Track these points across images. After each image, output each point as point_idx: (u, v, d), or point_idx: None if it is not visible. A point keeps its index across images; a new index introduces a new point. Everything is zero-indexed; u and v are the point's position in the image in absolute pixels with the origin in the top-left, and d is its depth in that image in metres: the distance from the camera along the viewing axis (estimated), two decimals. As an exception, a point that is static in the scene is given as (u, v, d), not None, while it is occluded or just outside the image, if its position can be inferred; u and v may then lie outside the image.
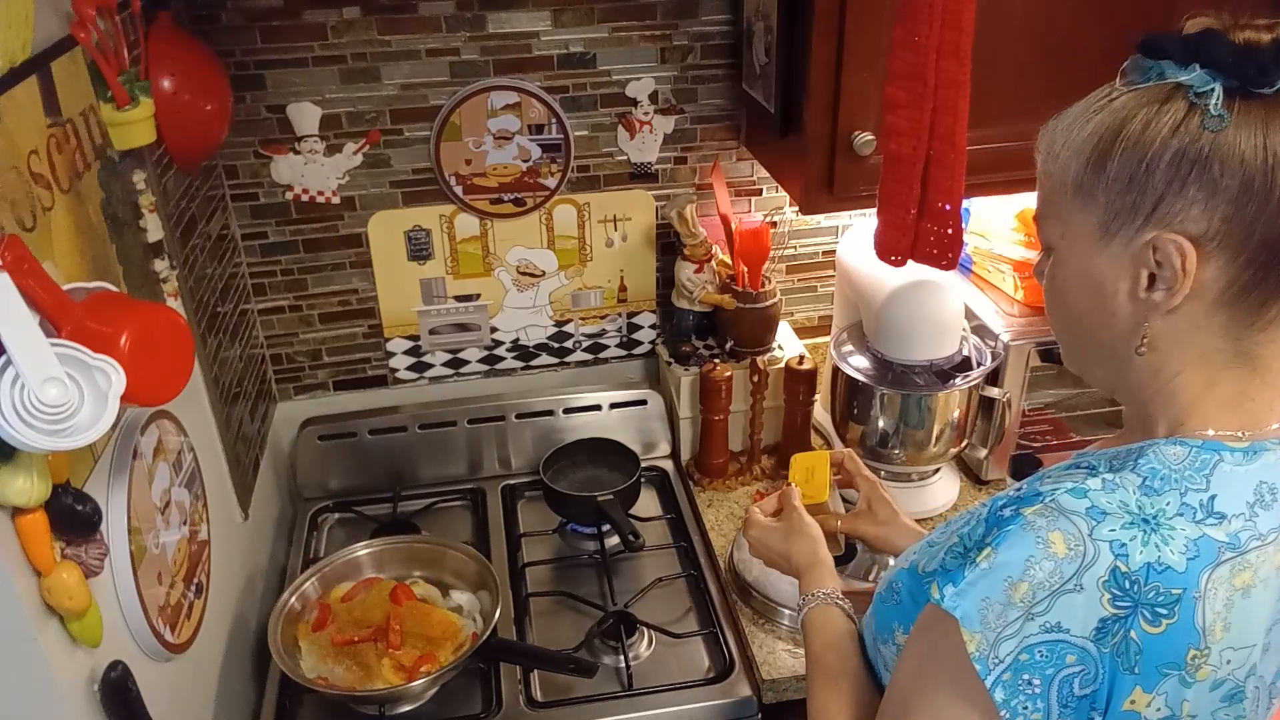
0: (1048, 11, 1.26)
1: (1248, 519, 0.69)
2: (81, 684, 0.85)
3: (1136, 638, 0.67)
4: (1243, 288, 0.70)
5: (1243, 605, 0.68)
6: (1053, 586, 0.67)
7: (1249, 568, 0.68)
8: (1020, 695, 0.68)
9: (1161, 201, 0.70)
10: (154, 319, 0.87)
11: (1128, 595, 0.66)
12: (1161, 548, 0.67)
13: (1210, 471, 0.70)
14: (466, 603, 1.41)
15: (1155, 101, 0.70)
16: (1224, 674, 0.69)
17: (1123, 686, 0.68)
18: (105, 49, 0.98)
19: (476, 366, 1.76)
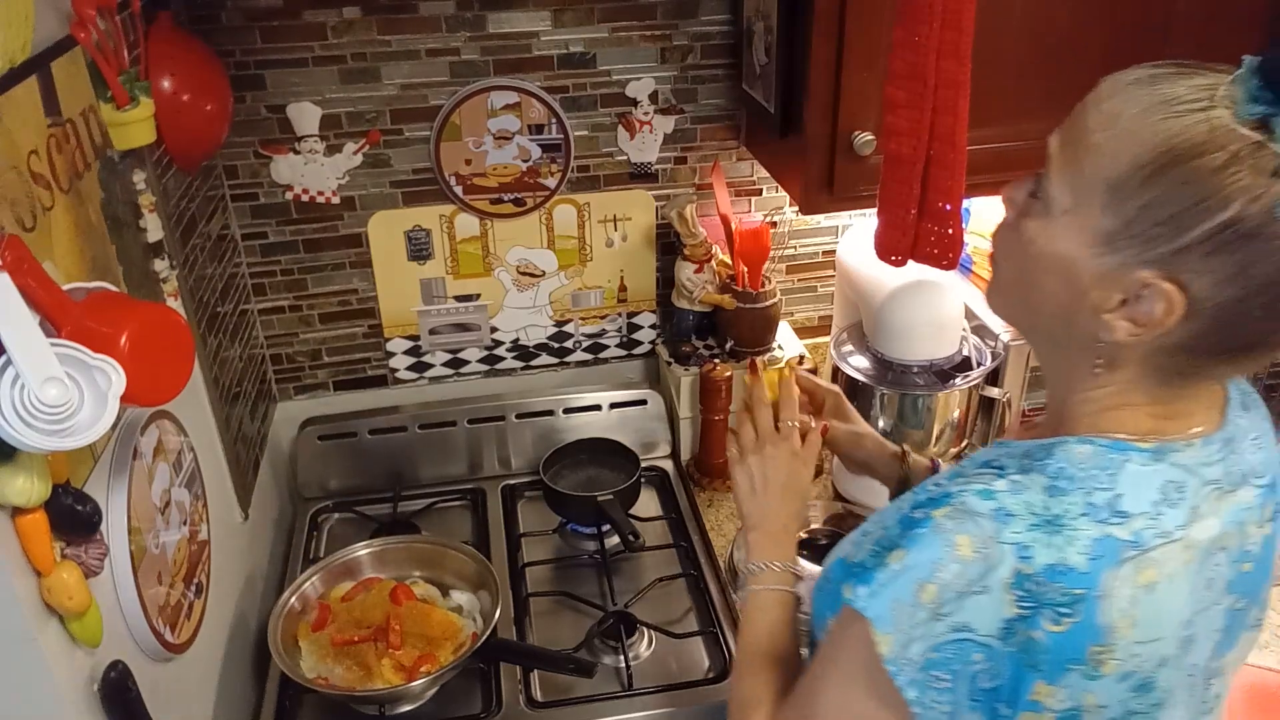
0: (1048, 11, 1.26)
1: (1152, 517, 0.69)
2: (81, 684, 0.85)
3: (1040, 636, 0.68)
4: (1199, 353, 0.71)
5: (1149, 601, 0.69)
6: (959, 589, 0.69)
7: (1154, 565, 0.69)
8: (930, 691, 0.70)
9: (1185, 252, 0.66)
10: (154, 319, 0.87)
11: (1031, 596, 0.67)
12: (1064, 549, 0.68)
13: (1117, 471, 0.71)
14: (466, 603, 1.41)
15: (1245, 146, 0.64)
16: (1132, 667, 0.70)
17: (1027, 680, 0.69)
18: (105, 49, 0.98)
19: (476, 366, 1.76)
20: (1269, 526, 0.78)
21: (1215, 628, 0.76)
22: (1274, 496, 0.78)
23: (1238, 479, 0.75)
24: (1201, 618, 0.73)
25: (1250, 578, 0.77)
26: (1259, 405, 0.83)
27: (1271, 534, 0.78)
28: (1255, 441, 0.78)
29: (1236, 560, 0.75)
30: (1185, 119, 0.66)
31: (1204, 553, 0.72)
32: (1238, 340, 0.70)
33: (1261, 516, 0.77)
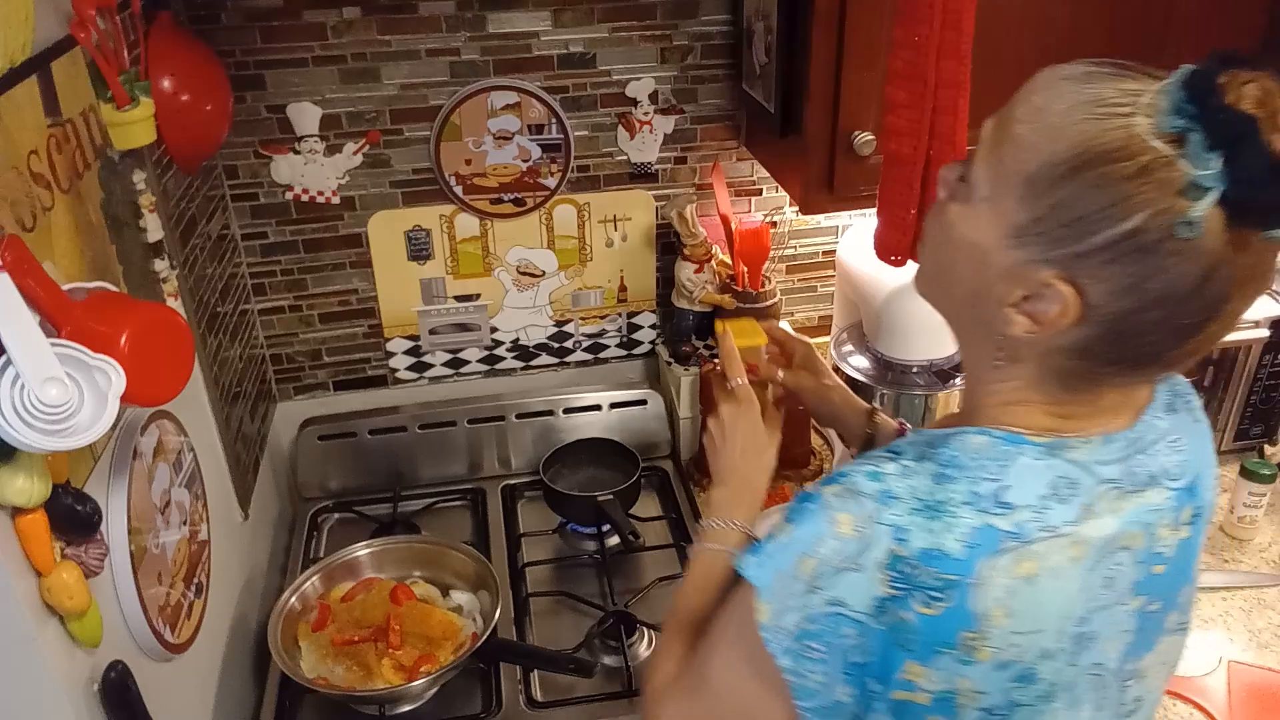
0: (1048, 11, 1.26)
1: (1037, 511, 0.69)
2: (81, 684, 0.85)
3: (911, 617, 0.69)
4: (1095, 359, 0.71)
5: (1029, 593, 0.69)
6: (836, 564, 0.70)
7: (1035, 558, 0.69)
8: (804, 661, 0.72)
9: (1086, 257, 0.66)
10: (154, 319, 0.87)
11: (904, 578, 0.68)
12: (941, 535, 0.68)
13: (1007, 463, 0.71)
14: (466, 603, 1.41)
15: (1157, 159, 0.63)
16: (1010, 656, 0.70)
17: (898, 659, 0.70)
18: (105, 49, 0.98)
19: (476, 366, 1.76)
20: (1186, 530, 0.77)
21: (1124, 628, 0.76)
22: (1192, 500, 0.76)
23: (1144, 480, 0.74)
24: (1101, 616, 0.73)
25: (1163, 580, 0.77)
26: (1191, 409, 0.82)
27: (1190, 538, 0.77)
28: (1173, 444, 0.76)
29: (1144, 561, 0.74)
30: (1105, 122, 0.65)
31: (1099, 551, 0.71)
32: (1130, 352, 0.70)
33: (1176, 519, 0.76)
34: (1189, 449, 0.77)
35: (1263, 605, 1.37)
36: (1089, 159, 0.65)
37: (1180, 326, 0.68)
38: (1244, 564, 1.45)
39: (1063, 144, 0.66)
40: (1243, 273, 0.66)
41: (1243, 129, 0.61)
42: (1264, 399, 1.59)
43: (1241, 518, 1.48)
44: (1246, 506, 1.47)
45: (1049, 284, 0.68)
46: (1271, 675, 1.25)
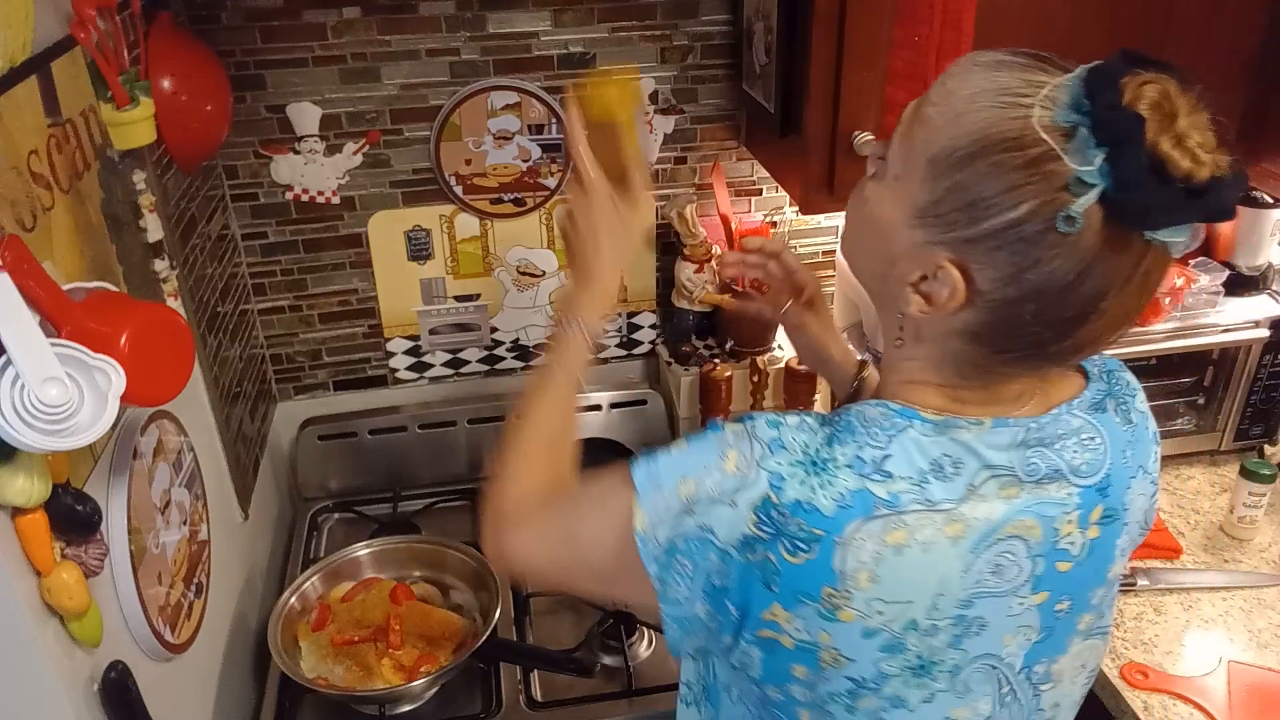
0: (1047, 12, 1.26)
1: (916, 483, 0.70)
2: (81, 684, 0.85)
3: (775, 560, 0.71)
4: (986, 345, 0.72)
5: (897, 562, 0.70)
6: (712, 495, 0.72)
7: (905, 528, 0.70)
8: (670, 572, 0.74)
9: (974, 242, 0.68)
10: (154, 319, 0.87)
11: (773, 523, 0.70)
12: (816, 491, 0.70)
13: (896, 434, 0.72)
14: (466, 603, 1.41)
15: (1047, 152, 0.64)
16: (876, 624, 0.71)
17: (762, 599, 0.72)
18: (105, 49, 0.98)
19: (476, 366, 1.76)
20: (1098, 530, 0.76)
21: (1023, 624, 0.76)
22: (1104, 500, 0.76)
23: (1045, 472, 0.73)
24: (990, 604, 0.73)
25: (1071, 579, 0.76)
26: (1126, 411, 0.80)
27: (1103, 539, 0.77)
28: (1086, 442, 0.76)
29: (1044, 555, 0.74)
30: (1005, 111, 0.66)
31: (984, 534, 0.72)
32: (1015, 341, 0.71)
33: (1084, 518, 0.75)
34: (1105, 449, 0.76)
35: (1263, 605, 1.37)
36: (985, 146, 0.66)
37: (1059, 320, 0.68)
38: (1244, 564, 1.45)
39: (964, 129, 0.67)
40: (1121, 273, 0.66)
41: (1128, 128, 0.62)
42: (1264, 399, 1.59)
43: (1241, 518, 1.48)
44: (1246, 506, 1.47)
45: (941, 266, 0.70)
46: (1271, 675, 1.25)
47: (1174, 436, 1.63)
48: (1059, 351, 0.72)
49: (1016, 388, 0.76)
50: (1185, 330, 1.52)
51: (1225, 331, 1.53)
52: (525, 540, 0.87)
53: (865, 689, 0.74)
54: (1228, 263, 1.59)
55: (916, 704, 0.75)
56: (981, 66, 0.69)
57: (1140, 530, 0.83)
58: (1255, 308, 1.55)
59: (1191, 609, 1.37)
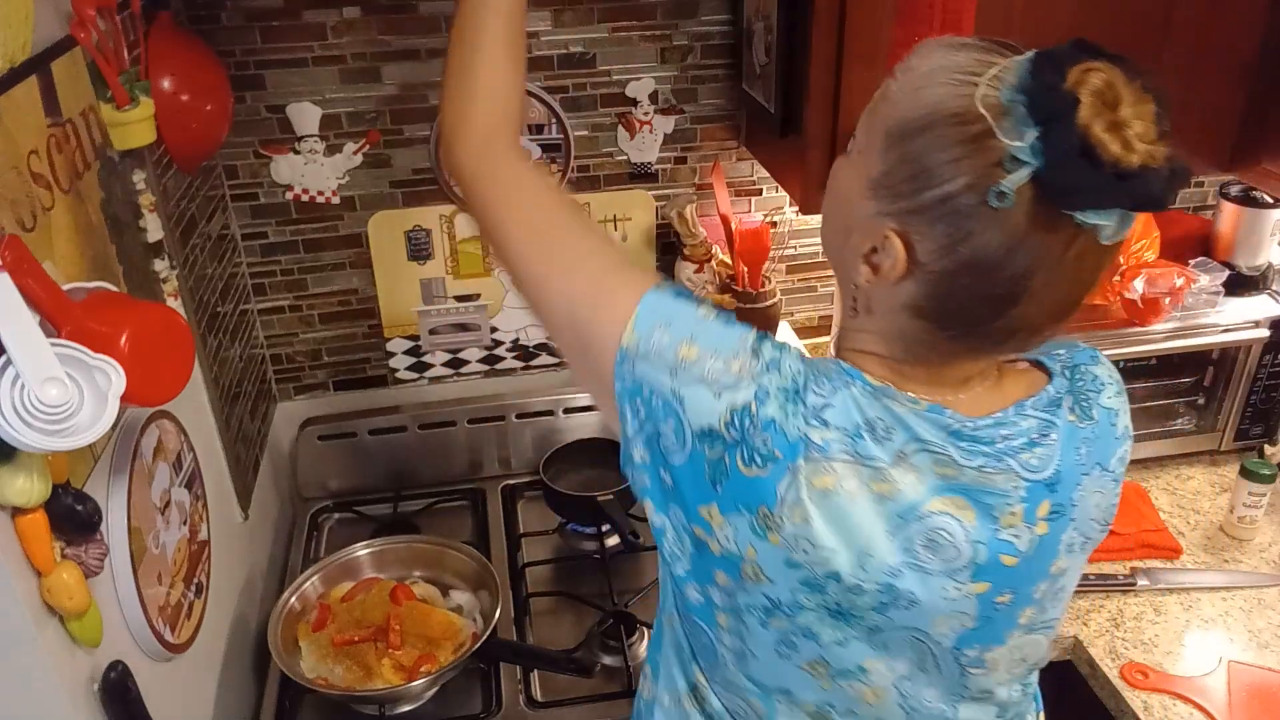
0: (1048, 11, 1.26)
1: (849, 435, 0.73)
2: (81, 684, 0.85)
3: (729, 464, 0.73)
4: (928, 319, 0.73)
5: (821, 504, 0.72)
6: (702, 377, 0.74)
7: (833, 475, 0.72)
8: (627, 404, 0.76)
9: (916, 214, 0.70)
10: (154, 319, 0.87)
11: (740, 430, 0.72)
12: (791, 418, 0.72)
13: (840, 388, 0.74)
14: (466, 603, 1.41)
15: (987, 127, 0.66)
16: (799, 559, 0.73)
17: (704, 494, 0.74)
18: (105, 49, 0.98)
19: (476, 366, 1.76)
20: (1046, 526, 0.77)
21: (960, 609, 0.77)
22: (1052, 496, 0.77)
23: (981, 458, 0.75)
24: (922, 581, 0.75)
25: (1015, 573, 0.77)
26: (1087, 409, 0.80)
27: (1051, 535, 0.78)
28: (1039, 438, 0.77)
29: (983, 543, 0.75)
30: (955, 88, 0.68)
31: (912, 503, 0.73)
32: (953, 318, 0.72)
33: (1030, 512, 0.76)
34: (1056, 447, 0.77)
35: (1263, 605, 1.37)
36: (932, 120, 0.68)
37: (991, 297, 0.70)
38: (1244, 564, 1.45)
39: (916, 103, 0.70)
40: (1049, 254, 0.67)
41: (1061, 107, 0.64)
42: (1264, 399, 1.59)
43: (1241, 518, 1.48)
44: (1246, 506, 1.47)
45: (887, 236, 0.71)
46: (1271, 675, 1.25)
47: (1174, 436, 1.63)
48: (995, 333, 0.73)
49: (961, 372, 0.77)
50: (1185, 330, 1.53)
51: (1225, 331, 1.54)
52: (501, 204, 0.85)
53: (780, 611, 0.76)
54: (1228, 263, 1.59)
55: (828, 643, 0.77)
56: (944, 47, 0.71)
57: (1097, 528, 0.83)
58: (1255, 308, 1.55)
59: (1191, 609, 1.37)
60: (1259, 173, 1.37)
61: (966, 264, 0.69)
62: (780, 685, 0.82)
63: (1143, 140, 0.64)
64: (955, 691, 0.83)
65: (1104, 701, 1.27)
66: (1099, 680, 1.28)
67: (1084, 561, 0.85)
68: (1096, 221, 0.65)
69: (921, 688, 0.81)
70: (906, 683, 0.81)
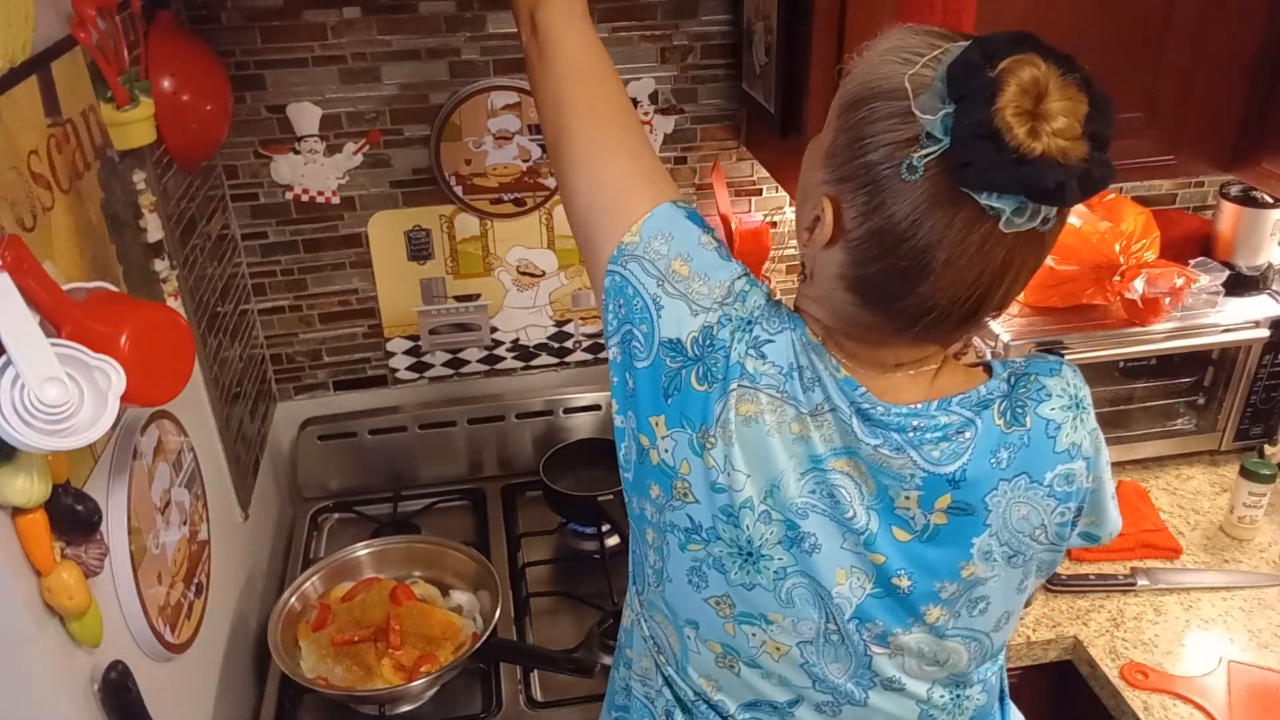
0: (1048, 11, 1.26)
1: (779, 373, 0.78)
2: (81, 684, 0.85)
3: (684, 379, 0.79)
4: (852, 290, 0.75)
5: (743, 429, 0.78)
6: (686, 293, 0.80)
7: (754, 403, 0.78)
8: (613, 300, 0.83)
9: (845, 181, 0.73)
10: (154, 319, 0.87)
11: (700, 349, 0.79)
12: (738, 345, 0.78)
13: (784, 329, 0.79)
14: (466, 603, 1.41)
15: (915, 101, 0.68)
16: (722, 482, 0.78)
17: (655, 404, 0.80)
18: (105, 49, 0.98)
19: (476, 366, 1.76)
20: (944, 518, 0.78)
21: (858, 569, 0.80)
22: (954, 491, 0.77)
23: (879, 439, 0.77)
24: (821, 525, 0.79)
25: (911, 554, 0.79)
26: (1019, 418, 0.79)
27: (952, 529, 0.78)
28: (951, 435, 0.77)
29: (875, 509, 0.78)
30: (898, 66, 0.70)
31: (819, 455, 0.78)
32: (868, 288, 0.74)
33: (929, 502, 0.78)
34: (970, 446, 0.77)
35: (1263, 605, 1.37)
36: (872, 94, 0.71)
37: (899, 269, 0.71)
38: (1244, 564, 1.45)
39: (865, 78, 0.72)
40: (953, 233, 0.68)
41: (974, 87, 0.65)
42: (1264, 399, 1.59)
43: (1241, 518, 1.48)
44: (1246, 506, 1.47)
45: (823, 201, 0.74)
46: (1271, 675, 1.25)
47: (1174, 436, 1.63)
48: (906, 311, 0.74)
49: (888, 357, 0.79)
50: (1185, 330, 1.52)
51: (1225, 331, 1.54)
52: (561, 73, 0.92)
53: (698, 536, 0.80)
54: (1228, 263, 1.59)
55: (736, 584, 0.80)
56: (906, 31, 0.74)
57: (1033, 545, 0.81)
58: (1255, 308, 1.55)
59: (1191, 609, 1.37)
60: (1259, 173, 1.37)
61: (877, 233, 0.71)
62: (689, 616, 0.85)
63: (1059, 135, 0.65)
64: (862, 674, 0.84)
65: (1104, 701, 1.27)
66: (1099, 680, 1.28)
67: (1020, 578, 0.83)
68: (994, 204, 0.66)
69: (827, 661, 0.83)
70: (809, 647, 0.82)
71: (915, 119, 0.67)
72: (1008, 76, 0.65)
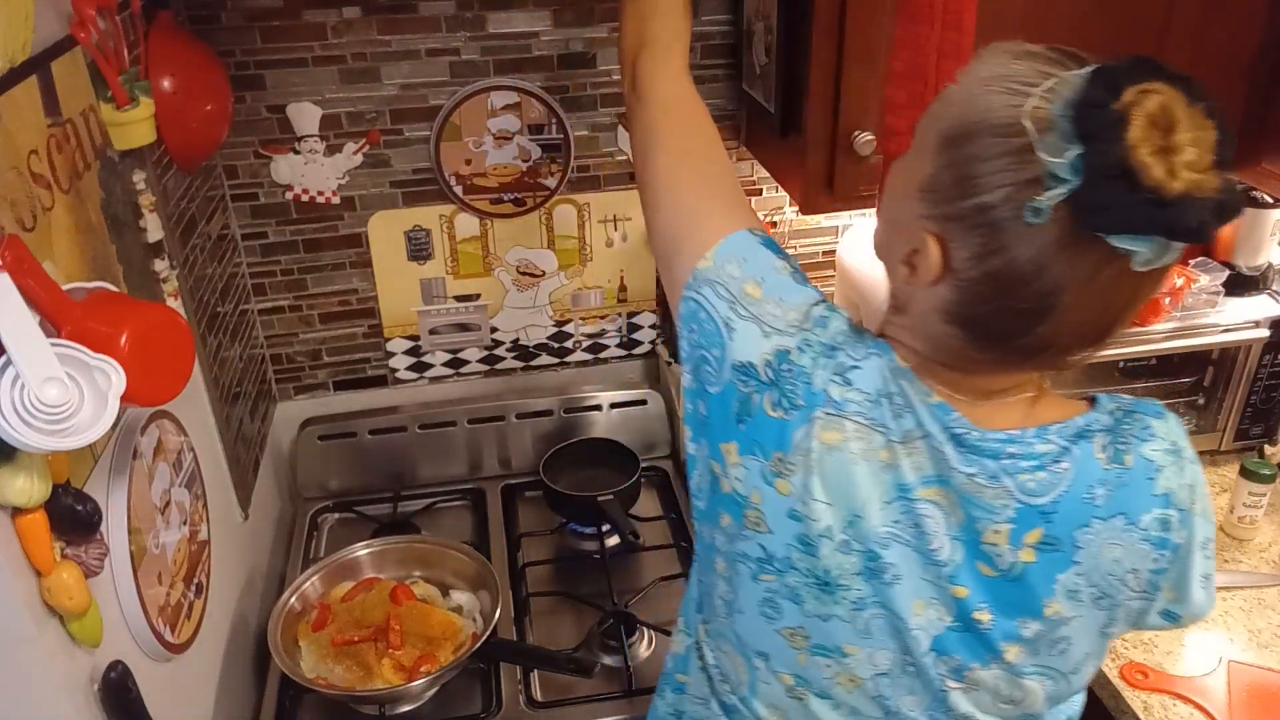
0: (1048, 11, 1.26)
1: (867, 400, 0.76)
2: (81, 684, 0.85)
3: (758, 404, 0.77)
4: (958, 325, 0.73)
5: (828, 460, 0.75)
6: (758, 315, 0.79)
7: (840, 430, 0.75)
8: (687, 326, 0.83)
9: (955, 220, 0.70)
10: (154, 319, 0.87)
11: (776, 373, 0.77)
12: (823, 370, 0.76)
13: (872, 355, 0.77)
14: (466, 603, 1.41)
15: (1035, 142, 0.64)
16: (801, 511, 0.76)
17: (727, 430, 0.79)
18: (105, 49, 0.98)
19: (476, 366, 1.76)
20: (1033, 554, 0.76)
21: (936, 598, 0.77)
22: (1046, 524, 0.75)
23: (975, 467, 0.74)
24: (903, 555, 0.76)
25: (996, 590, 0.76)
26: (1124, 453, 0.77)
27: (1039, 566, 0.76)
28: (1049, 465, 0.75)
29: (960, 539, 0.76)
30: (1007, 98, 0.67)
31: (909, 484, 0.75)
32: (982, 328, 0.72)
33: (1019, 536, 0.75)
34: (1066, 479, 0.75)
35: (1263, 605, 1.37)
36: (981, 128, 0.68)
37: (1019, 311, 0.69)
38: (1244, 564, 1.45)
39: (967, 109, 0.69)
40: (1080, 275, 0.66)
41: (1105, 127, 0.62)
42: (1264, 399, 1.59)
43: (1241, 518, 1.48)
44: (1246, 506, 1.47)
45: (925, 239, 0.71)
46: (1271, 675, 1.25)
47: (1174, 436, 1.63)
48: (1023, 348, 0.72)
49: (986, 384, 0.77)
50: (1185, 330, 1.52)
51: (1225, 331, 1.54)
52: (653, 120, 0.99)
53: (771, 566, 0.78)
54: (1228, 263, 1.59)
55: (811, 614, 0.78)
56: (1007, 54, 0.71)
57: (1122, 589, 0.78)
58: (1255, 308, 1.55)
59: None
60: (1259, 173, 1.37)
61: (996, 276, 0.68)
62: (760, 648, 0.83)
63: (1192, 169, 0.61)
64: (936, 708, 0.82)
65: (1104, 701, 1.27)
66: (1099, 680, 1.28)
67: (1106, 622, 0.81)
68: (1130, 247, 0.63)
69: (901, 693, 0.81)
70: (884, 679, 0.81)
71: (1033, 158, 0.64)
72: (1134, 109, 0.61)
